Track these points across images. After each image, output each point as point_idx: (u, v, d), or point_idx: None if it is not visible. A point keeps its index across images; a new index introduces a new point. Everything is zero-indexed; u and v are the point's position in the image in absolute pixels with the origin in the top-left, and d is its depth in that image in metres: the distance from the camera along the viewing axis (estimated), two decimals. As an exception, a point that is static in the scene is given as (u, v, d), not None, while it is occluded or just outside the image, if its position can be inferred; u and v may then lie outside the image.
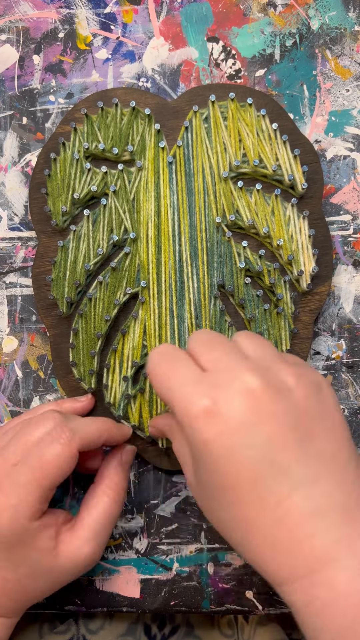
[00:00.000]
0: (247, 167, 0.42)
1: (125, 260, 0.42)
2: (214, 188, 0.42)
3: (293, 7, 0.45)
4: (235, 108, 0.42)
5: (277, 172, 0.41)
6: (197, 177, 0.42)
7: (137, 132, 0.42)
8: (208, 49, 0.45)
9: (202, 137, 0.42)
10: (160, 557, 0.42)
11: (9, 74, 0.46)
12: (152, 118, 0.42)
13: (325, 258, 0.42)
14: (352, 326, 0.43)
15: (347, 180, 0.44)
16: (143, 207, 0.42)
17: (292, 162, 0.41)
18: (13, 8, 0.46)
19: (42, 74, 0.46)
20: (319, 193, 0.42)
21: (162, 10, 0.46)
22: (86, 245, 0.42)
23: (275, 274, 0.41)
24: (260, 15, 0.45)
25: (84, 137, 0.42)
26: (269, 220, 0.41)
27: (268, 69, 0.45)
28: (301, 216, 0.41)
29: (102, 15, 0.46)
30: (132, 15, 0.46)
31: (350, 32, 0.45)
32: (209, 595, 0.42)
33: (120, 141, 0.42)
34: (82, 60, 0.46)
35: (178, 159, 0.42)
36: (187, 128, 0.42)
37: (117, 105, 0.42)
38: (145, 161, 0.42)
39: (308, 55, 0.45)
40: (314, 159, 0.42)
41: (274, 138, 0.42)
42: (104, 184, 0.42)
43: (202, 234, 0.42)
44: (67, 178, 0.42)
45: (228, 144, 0.42)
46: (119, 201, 0.42)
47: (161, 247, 0.42)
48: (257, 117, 0.42)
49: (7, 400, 0.44)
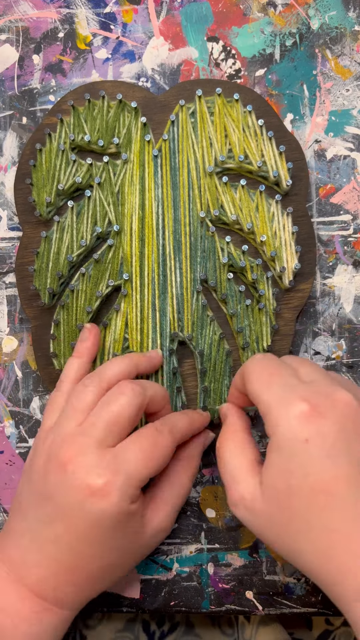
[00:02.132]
0: (233, 162, 0.41)
1: (109, 253, 0.41)
2: (198, 183, 0.41)
3: (293, 7, 0.44)
4: (222, 103, 0.41)
5: (262, 168, 0.41)
6: (182, 171, 0.41)
7: (124, 125, 0.42)
8: (208, 48, 0.44)
9: (188, 132, 0.42)
10: (160, 557, 0.41)
11: (8, 73, 0.45)
12: (138, 111, 0.42)
13: (309, 255, 0.41)
14: (352, 326, 0.42)
15: (347, 180, 0.43)
16: (127, 200, 0.41)
17: (277, 159, 0.41)
18: (13, 8, 0.45)
19: (42, 74, 0.45)
20: (303, 190, 0.41)
21: (162, 10, 0.45)
22: (69, 237, 0.41)
23: (258, 270, 0.41)
24: (260, 15, 0.44)
25: (70, 129, 0.42)
26: (253, 216, 0.41)
27: (268, 69, 0.44)
28: (285, 213, 0.41)
29: (102, 15, 0.45)
30: (132, 15, 0.45)
31: (350, 32, 0.44)
32: (209, 596, 0.41)
33: (106, 133, 0.41)
34: (81, 60, 0.45)
35: (164, 153, 0.42)
36: (174, 122, 0.42)
37: (104, 98, 0.42)
38: (130, 154, 0.42)
39: (308, 55, 0.44)
40: (300, 156, 0.41)
41: (259, 134, 0.41)
42: (89, 176, 0.42)
43: (186, 228, 0.41)
44: (52, 169, 0.41)
45: (214, 139, 0.41)
46: (104, 193, 0.41)
47: (145, 240, 0.41)
48: (243, 113, 0.41)
49: (6, 400, 0.43)
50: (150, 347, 0.41)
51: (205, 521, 0.42)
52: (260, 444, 0.42)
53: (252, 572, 0.41)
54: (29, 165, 0.42)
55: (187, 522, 0.41)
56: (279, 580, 0.41)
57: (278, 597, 0.41)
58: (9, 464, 0.43)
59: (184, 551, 0.41)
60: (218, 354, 0.40)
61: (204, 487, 0.42)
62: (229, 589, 0.41)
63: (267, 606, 0.41)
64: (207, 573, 0.41)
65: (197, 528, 0.41)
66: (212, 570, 0.41)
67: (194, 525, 0.41)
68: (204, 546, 0.41)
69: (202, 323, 0.41)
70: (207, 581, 0.41)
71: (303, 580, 0.41)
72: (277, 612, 0.41)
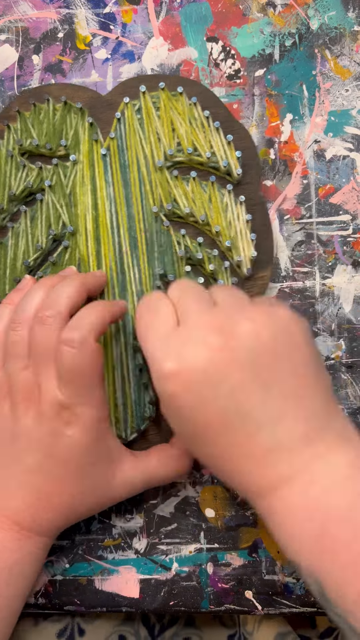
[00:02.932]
0: (182, 155, 0.41)
1: (65, 254, 0.41)
2: (149, 178, 0.41)
3: (292, 7, 0.44)
4: (167, 98, 0.41)
5: (212, 159, 0.41)
6: (132, 167, 0.41)
7: (71, 127, 0.42)
8: (207, 49, 0.44)
9: (135, 128, 0.41)
10: (159, 557, 0.41)
11: (8, 74, 0.45)
12: (84, 112, 0.42)
13: (266, 243, 0.41)
14: (351, 326, 0.42)
15: (346, 180, 0.43)
16: (80, 201, 0.41)
17: (226, 148, 0.41)
18: (12, 8, 0.45)
19: (42, 74, 0.44)
20: (255, 178, 0.41)
21: (161, 10, 0.44)
22: (25, 242, 0.41)
23: (216, 260, 0.40)
24: (260, 15, 0.44)
25: (17, 134, 0.42)
26: (206, 207, 0.41)
27: (267, 69, 0.44)
28: (238, 202, 0.41)
29: (101, 15, 0.45)
30: (132, 15, 0.45)
31: (350, 32, 0.44)
32: (208, 595, 0.41)
33: (54, 136, 0.41)
34: (81, 60, 0.44)
35: (112, 151, 0.42)
36: (120, 120, 0.42)
37: (49, 101, 0.42)
38: (79, 155, 0.41)
39: (307, 55, 0.44)
40: (249, 144, 0.41)
41: (206, 125, 0.41)
42: (39, 180, 0.41)
43: (140, 225, 0.41)
44: (3, 176, 0.41)
45: (161, 134, 0.41)
46: (56, 196, 0.41)
47: (100, 239, 0.41)
48: (189, 106, 0.41)
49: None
50: (114, 345, 0.40)
51: (205, 521, 0.41)
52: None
53: (252, 571, 0.41)
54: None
55: (186, 521, 0.41)
56: (278, 579, 0.41)
57: (277, 596, 0.40)
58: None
59: (183, 551, 0.41)
60: None
61: (203, 487, 0.41)
62: (229, 589, 0.41)
63: (266, 606, 0.40)
64: (207, 573, 0.41)
65: (197, 528, 0.41)
66: (212, 570, 0.41)
67: (193, 525, 0.41)
68: (203, 546, 0.41)
69: None
70: (206, 581, 0.41)
71: (302, 580, 0.40)
72: (276, 611, 0.40)
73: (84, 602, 0.41)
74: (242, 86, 0.44)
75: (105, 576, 0.41)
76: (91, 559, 0.41)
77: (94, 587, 0.41)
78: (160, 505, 0.41)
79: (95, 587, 0.41)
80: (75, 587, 0.41)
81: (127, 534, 0.41)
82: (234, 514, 0.41)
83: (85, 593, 0.41)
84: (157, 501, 0.41)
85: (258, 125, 0.43)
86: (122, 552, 0.41)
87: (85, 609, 0.41)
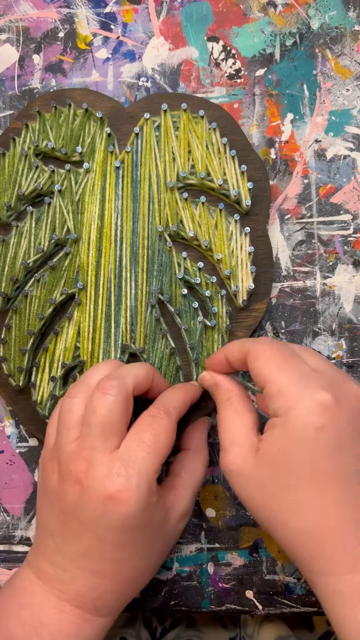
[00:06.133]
0: (194, 178, 0.40)
1: (65, 260, 0.40)
2: (159, 197, 0.40)
3: (293, 7, 0.43)
4: (188, 119, 0.40)
5: (223, 186, 0.39)
6: (144, 184, 0.40)
7: (89, 134, 0.41)
8: (208, 48, 0.43)
9: (152, 145, 0.40)
10: (160, 556, 0.40)
11: (9, 73, 0.44)
12: (104, 121, 0.41)
13: (266, 276, 0.40)
14: (352, 326, 0.41)
15: (347, 180, 0.42)
16: (87, 209, 0.40)
17: (239, 178, 0.39)
18: (13, 7, 0.44)
19: (42, 74, 0.43)
20: (265, 210, 0.40)
21: (162, 10, 0.43)
22: (27, 242, 0.40)
23: (213, 287, 0.39)
24: (261, 15, 0.43)
25: (34, 135, 0.41)
26: (211, 233, 0.39)
27: (268, 69, 0.43)
28: (243, 233, 0.39)
29: (102, 14, 0.44)
30: (132, 14, 0.44)
31: (351, 32, 0.43)
32: (209, 595, 0.40)
33: (70, 141, 0.40)
34: (82, 59, 0.43)
35: (126, 165, 0.40)
36: (138, 135, 0.41)
37: (71, 106, 0.40)
38: (93, 163, 0.40)
39: (308, 54, 0.43)
40: (263, 176, 0.40)
41: (223, 152, 0.40)
42: (50, 183, 0.40)
43: (144, 241, 0.40)
44: (14, 174, 0.40)
45: (177, 154, 0.40)
46: (64, 201, 0.40)
47: (102, 250, 0.40)
48: (208, 130, 0.40)
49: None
50: (101, 357, 0.39)
51: (206, 521, 0.40)
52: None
53: (252, 571, 0.40)
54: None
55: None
56: (279, 579, 0.40)
57: (278, 596, 0.40)
58: (9, 464, 0.42)
59: (184, 551, 0.40)
60: (168, 368, 0.39)
61: (204, 487, 0.40)
62: (229, 589, 0.40)
63: (267, 606, 0.40)
64: (207, 572, 0.40)
65: (197, 528, 0.40)
66: (212, 570, 0.40)
67: (194, 525, 0.40)
68: (204, 546, 0.40)
69: (155, 337, 0.39)
70: (207, 581, 0.40)
71: (303, 580, 0.39)
72: (277, 611, 0.39)
73: (84, 602, 0.40)
74: (242, 86, 0.43)
75: (106, 576, 0.40)
76: (92, 559, 0.40)
77: (95, 587, 0.40)
78: (161, 505, 0.40)
79: (96, 587, 0.40)
80: (75, 587, 0.40)
81: (127, 534, 0.40)
82: (234, 513, 0.40)
83: (86, 593, 0.40)
84: (158, 501, 0.40)
85: (259, 124, 0.42)
86: (122, 552, 0.40)
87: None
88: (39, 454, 0.41)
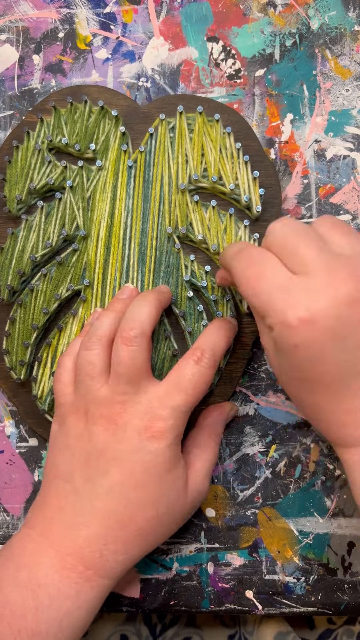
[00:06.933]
0: (206, 182, 0.39)
1: (73, 257, 0.40)
2: (170, 198, 0.40)
3: (293, 7, 0.43)
4: (203, 122, 0.40)
5: (235, 191, 0.39)
6: (155, 184, 0.40)
7: (103, 132, 0.40)
8: (208, 48, 0.43)
9: (166, 146, 0.40)
10: (160, 556, 0.40)
11: (8, 73, 0.43)
12: (119, 119, 0.40)
13: None
14: (351, 326, 0.41)
15: (346, 180, 0.42)
16: (98, 207, 0.40)
17: (251, 184, 0.39)
18: (13, 8, 0.44)
19: (42, 74, 0.43)
20: (275, 217, 0.40)
21: (162, 10, 0.43)
22: (36, 236, 0.40)
23: (219, 291, 0.39)
24: (260, 15, 0.43)
25: (49, 130, 0.40)
26: (220, 237, 0.39)
27: (268, 69, 0.43)
28: (252, 239, 0.39)
29: (102, 15, 0.44)
30: (132, 15, 0.43)
31: (350, 32, 0.43)
32: (208, 595, 0.40)
33: (84, 138, 0.40)
34: (82, 60, 0.43)
35: (139, 164, 0.40)
36: (152, 135, 0.40)
37: (87, 102, 0.40)
38: (106, 161, 0.40)
39: (308, 55, 0.43)
40: (275, 183, 0.40)
41: (236, 157, 0.39)
42: (62, 178, 0.40)
43: (152, 242, 0.40)
44: (27, 167, 0.40)
45: (190, 157, 0.40)
46: (75, 197, 0.40)
47: (110, 248, 0.40)
48: (222, 134, 0.40)
49: (7, 400, 0.42)
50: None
51: (205, 520, 0.40)
52: (260, 443, 0.40)
53: (252, 571, 0.40)
54: (5, 161, 0.41)
55: (187, 521, 0.40)
56: (279, 579, 0.39)
57: (278, 596, 0.39)
58: (9, 464, 0.41)
59: (183, 550, 0.40)
60: (170, 370, 0.39)
61: (204, 486, 0.40)
62: (229, 589, 0.40)
63: (266, 605, 0.39)
64: (207, 572, 0.40)
65: (197, 527, 0.40)
66: (212, 570, 0.40)
67: (194, 525, 0.40)
68: (203, 545, 0.40)
69: (158, 338, 0.39)
70: (206, 581, 0.40)
71: (303, 580, 0.39)
72: (276, 611, 0.39)
73: (84, 602, 0.40)
74: (242, 86, 0.43)
75: (105, 576, 0.40)
76: (92, 559, 0.40)
77: (95, 587, 0.40)
78: (161, 505, 0.40)
79: (96, 587, 0.40)
80: (75, 586, 0.40)
81: (127, 534, 0.40)
82: (234, 513, 0.40)
83: (86, 593, 0.40)
84: (158, 501, 0.40)
85: (258, 125, 0.42)
86: (122, 552, 0.40)
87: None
88: (39, 454, 0.41)
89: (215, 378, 0.39)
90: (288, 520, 0.40)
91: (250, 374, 0.41)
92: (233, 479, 0.40)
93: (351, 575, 0.39)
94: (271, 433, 0.40)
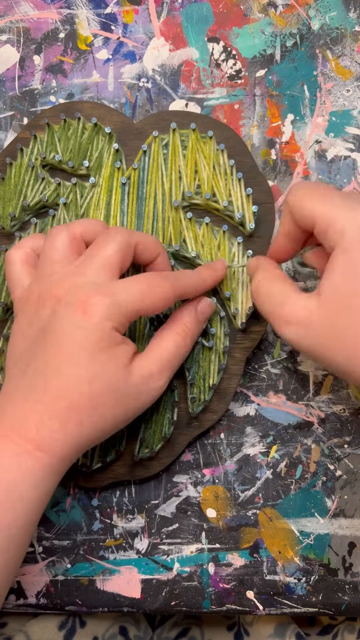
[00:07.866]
0: (199, 199, 0.39)
1: None
2: (163, 215, 0.40)
3: (294, 8, 0.43)
4: (196, 139, 0.40)
5: (228, 208, 0.39)
6: (149, 201, 0.40)
7: (96, 149, 0.40)
8: (209, 49, 0.43)
9: (159, 163, 0.40)
10: (161, 557, 0.40)
11: (9, 74, 0.43)
12: (113, 136, 0.40)
13: None
14: (352, 326, 0.41)
15: (347, 181, 0.41)
16: None
17: (244, 201, 0.39)
18: (14, 8, 0.44)
19: (43, 75, 0.43)
20: (268, 234, 0.40)
21: (162, 11, 0.43)
22: None
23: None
24: (261, 16, 0.43)
25: (42, 146, 0.40)
26: (214, 254, 0.39)
27: (268, 69, 0.42)
28: (246, 255, 0.39)
29: (102, 15, 0.43)
30: (133, 15, 0.43)
31: (351, 33, 0.42)
32: (209, 596, 0.39)
33: (78, 155, 0.40)
34: (82, 60, 0.43)
35: (132, 181, 0.40)
36: (145, 152, 0.40)
37: (80, 119, 0.40)
38: (99, 178, 0.40)
39: (309, 55, 0.42)
40: (268, 200, 0.40)
41: (229, 174, 0.39)
42: (55, 195, 0.40)
43: None
44: (20, 184, 0.40)
45: (183, 174, 0.39)
46: (69, 214, 0.40)
47: None
48: (215, 151, 0.39)
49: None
50: None
51: (206, 521, 0.40)
52: (261, 443, 0.40)
53: (253, 572, 0.39)
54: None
55: (187, 522, 0.40)
56: (280, 580, 0.39)
57: (279, 597, 0.39)
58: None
59: (184, 551, 0.40)
60: None
61: (205, 487, 0.40)
62: (230, 589, 0.39)
63: (267, 606, 0.39)
64: (208, 573, 0.40)
65: (198, 528, 0.40)
66: (213, 570, 0.40)
67: (195, 525, 0.40)
68: (204, 546, 0.40)
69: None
70: (207, 581, 0.40)
71: (304, 580, 0.39)
72: (277, 612, 0.39)
73: (85, 603, 0.40)
74: (243, 86, 0.42)
75: (106, 576, 0.40)
76: (93, 559, 0.40)
77: (96, 588, 0.40)
78: (162, 505, 0.40)
79: (97, 588, 0.40)
80: (76, 587, 0.40)
81: (128, 534, 0.40)
82: (235, 514, 0.40)
83: (87, 593, 0.40)
84: (159, 501, 0.40)
85: (259, 125, 0.42)
86: (123, 552, 0.40)
87: (86, 609, 0.40)
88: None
89: (209, 394, 0.39)
90: (289, 520, 0.40)
91: (251, 374, 0.41)
92: (234, 480, 0.40)
93: (352, 576, 0.39)
94: (272, 433, 0.40)
